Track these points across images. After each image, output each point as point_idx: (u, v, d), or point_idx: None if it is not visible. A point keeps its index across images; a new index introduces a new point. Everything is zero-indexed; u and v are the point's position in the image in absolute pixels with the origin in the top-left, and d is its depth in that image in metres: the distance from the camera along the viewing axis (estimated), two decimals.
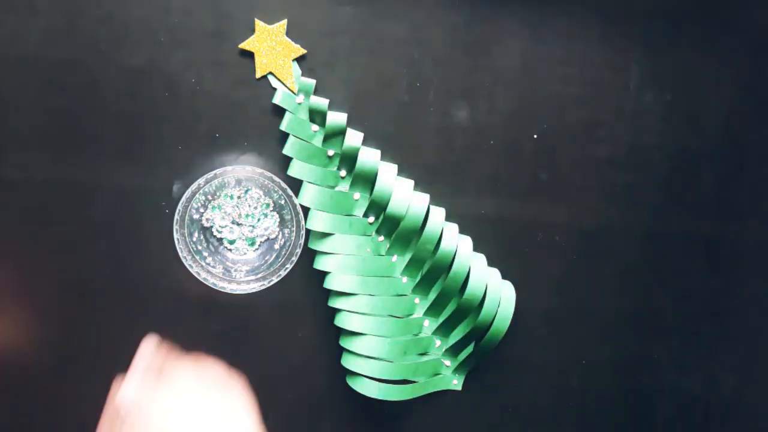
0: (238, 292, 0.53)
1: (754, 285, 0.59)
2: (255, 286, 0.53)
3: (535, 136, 0.56)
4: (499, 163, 0.56)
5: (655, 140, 0.57)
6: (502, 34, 0.55)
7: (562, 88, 0.56)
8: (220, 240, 0.55)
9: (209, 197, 0.54)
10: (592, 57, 0.56)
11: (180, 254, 0.53)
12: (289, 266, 0.54)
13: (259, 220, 0.55)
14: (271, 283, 0.54)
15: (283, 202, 0.54)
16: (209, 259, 0.54)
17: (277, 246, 0.55)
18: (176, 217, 0.53)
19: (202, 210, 0.54)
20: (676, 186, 0.58)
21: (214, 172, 0.52)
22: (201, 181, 0.52)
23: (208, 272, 0.54)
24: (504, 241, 0.57)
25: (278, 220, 0.55)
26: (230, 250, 0.55)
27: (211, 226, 0.54)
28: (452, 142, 0.56)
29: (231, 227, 0.55)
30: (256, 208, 0.54)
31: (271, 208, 0.55)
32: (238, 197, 0.54)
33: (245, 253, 0.55)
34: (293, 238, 0.54)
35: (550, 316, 0.58)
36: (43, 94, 0.52)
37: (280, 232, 0.55)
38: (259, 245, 0.55)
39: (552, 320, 0.58)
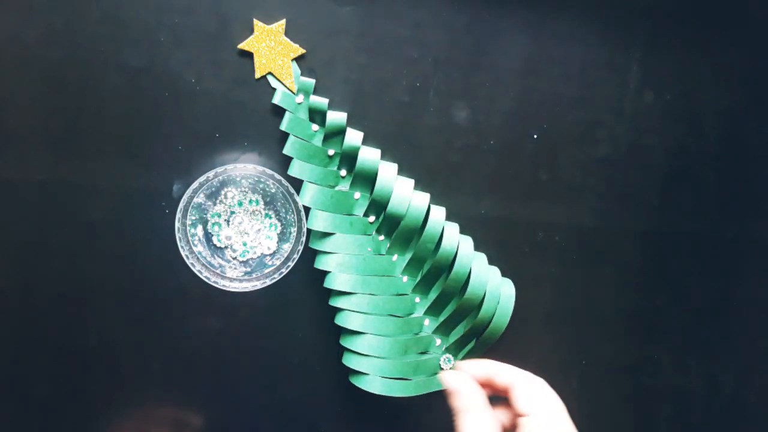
0: (237, 290, 0.53)
1: (754, 285, 0.59)
2: (257, 284, 0.54)
3: (535, 136, 0.56)
4: (499, 163, 0.56)
5: (655, 140, 0.57)
6: (502, 34, 0.55)
7: (562, 88, 0.56)
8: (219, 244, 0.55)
9: (210, 200, 0.54)
10: (592, 57, 0.56)
11: (181, 251, 0.53)
12: (291, 264, 0.54)
13: (259, 236, 0.55)
14: (273, 281, 0.54)
15: (283, 199, 0.54)
16: (209, 257, 0.54)
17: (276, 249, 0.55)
18: (178, 215, 0.53)
19: (205, 206, 0.54)
20: (676, 186, 0.58)
21: (215, 170, 0.52)
22: (202, 179, 0.52)
23: (208, 269, 0.54)
24: (504, 241, 0.57)
25: (279, 234, 0.55)
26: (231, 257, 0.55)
27: (212, 234, 0.55)
28: (452, 142, 0.56)
29: (230, 240, 0.55)
30: (259, 230, 0.54)
31: (274, 227, 0.55)
32: (235, 213, 0.55)
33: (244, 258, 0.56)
34: (293, 239, 0.54)
35: (550, 316, 0.58)
36: (43, 94, 0.52)
37: (280, 235, 0.55)
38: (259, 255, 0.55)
39: (552, 320, 0.58)
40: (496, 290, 0.54)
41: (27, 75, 0.52)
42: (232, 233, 0.55)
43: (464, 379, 0.48)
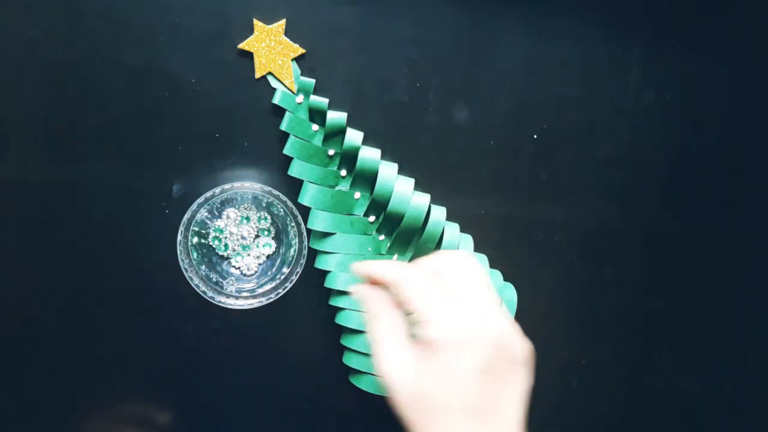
0: (233, 307, 0.53)
1: (754, 285, 0.59)
2: (253, 302, 0.53)
3: (535, 136, 0.56)
4: (499, 163, 0.56)
5: (655, 140, 0.57)
6: (502, 34, 0.55)
7: (562, 88, 0.56)
8: (221, 256, 0.55)
9: (213, 215, 0.54)
10: (592, 57, 0.56)
11: (181, 264, 0.53)
12: (292, 281, 0.54)
13: (259, 253, 0.55)
14: (270, 300, 0.54)
15: (287, 219, 0.54)
16: (208, 274, 0.54)
17: (276, 269, 0.55)
18: (181, 228, 0.52)
19: (208, 220, 0.54)
20: (676, 186, 0.58)
21: (221, 187, 0.52)
22: (208, 194, 0.52)
23: (206, 284, 0.53)
24: (504, 241, 0.57)
25: (278, 252, 0.55)
26: (233, 267, 0.55)
27: (214, 248, 0.55)
28: (452, 142, 0.56)
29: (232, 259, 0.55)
30: (258, 247, 0.55)
31: (271, 245, 0.55)
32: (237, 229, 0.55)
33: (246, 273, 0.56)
34: (294, 258, 0.54)
35: (550, 316, 0.58)
36: (43, 94, 0.52)
37: (281, 255, 0.55)
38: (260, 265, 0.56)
39: (552, 320, 0.58)
40: (498, 294, 0.54)
41: (27, 75, 0.52)
42: (234, 249, 0.55)
43: (368, 288, 0.43)
